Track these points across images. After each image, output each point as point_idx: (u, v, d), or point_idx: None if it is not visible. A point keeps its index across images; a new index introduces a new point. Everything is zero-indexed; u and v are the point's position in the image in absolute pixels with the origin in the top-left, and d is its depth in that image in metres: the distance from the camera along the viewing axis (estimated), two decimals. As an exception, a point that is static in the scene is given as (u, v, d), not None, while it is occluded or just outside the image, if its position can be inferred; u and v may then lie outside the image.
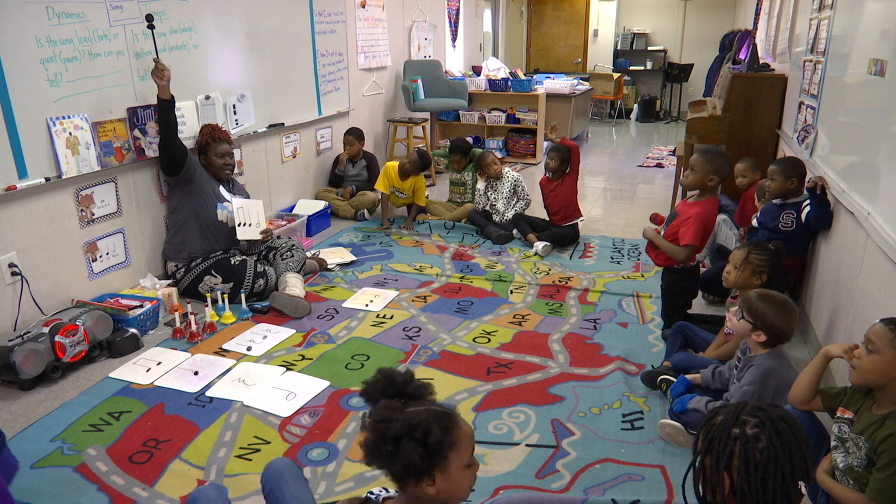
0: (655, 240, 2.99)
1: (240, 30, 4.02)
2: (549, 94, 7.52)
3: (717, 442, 1.20)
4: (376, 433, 1.17)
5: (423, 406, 1.23)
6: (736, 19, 9.71)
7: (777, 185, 3.15)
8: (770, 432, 1.17)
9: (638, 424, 2.37)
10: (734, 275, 2.59)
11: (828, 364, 1.85)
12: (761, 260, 2.55)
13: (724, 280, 2.65)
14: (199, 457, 2.19)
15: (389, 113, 6.45)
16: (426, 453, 1.16)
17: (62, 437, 2.30)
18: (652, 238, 3.00)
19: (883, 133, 2.40)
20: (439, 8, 7.42)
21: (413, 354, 2.90)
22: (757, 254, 2.55)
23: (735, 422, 1.20)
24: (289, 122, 4.64)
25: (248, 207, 3.55)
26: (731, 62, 6.07)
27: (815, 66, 3.58)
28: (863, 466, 1.61)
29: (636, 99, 11.19)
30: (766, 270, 2.55)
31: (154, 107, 3.32)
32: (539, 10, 11.32)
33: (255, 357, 2.87)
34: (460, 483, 1.22)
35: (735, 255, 2.62)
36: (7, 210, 2.76)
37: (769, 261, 2.55)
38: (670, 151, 7.81)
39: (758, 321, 2.10)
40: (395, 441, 1.15)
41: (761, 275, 2.55)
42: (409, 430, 1.15)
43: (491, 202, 4.72)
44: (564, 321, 3.24)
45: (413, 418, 1.17)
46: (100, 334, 2.83)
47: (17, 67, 2.69)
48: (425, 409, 1.21)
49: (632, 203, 5.66)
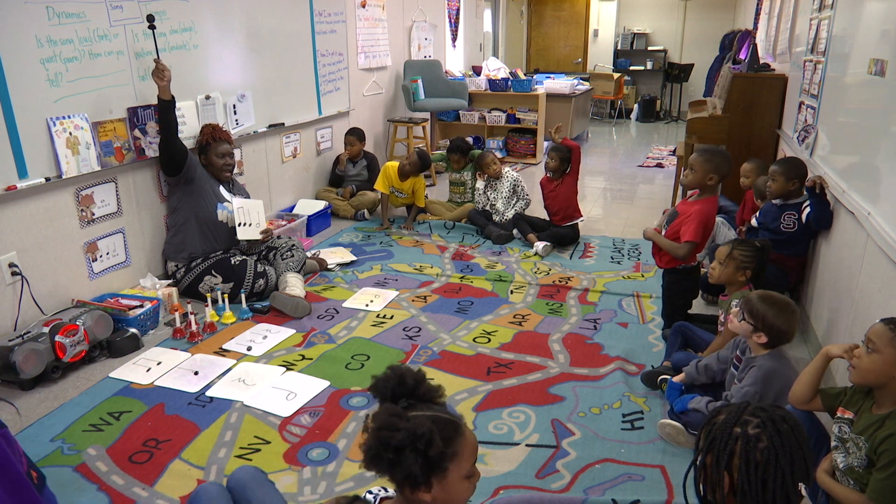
0: (656, 239, 2.99)
1: (240, 30, 4.02)
2: (550, 94, 7.52)
3: (719, 441, 1.20)
4: (379, 440, 1.15)
5: (429, 412, 1.20)
6: (736, 19, 9.71)
7: (778, 186, 3.15)
8: (771, 433, 1.17)
9: (638, 424, 2.37)
10: (718, 270, 2.61)
11: (828, 364, 1.85)
12: (745, 256, 2.56)
13: (709, 276, 2.68)
14: (199, 457, 2.19)
15: (389, 113, 6.45)
16: (426, 464, 1.14)
17: (62, 436, 2.30)
18: (652, 238, 3.01)
19: (883, 133, 2.40)
20: (439, 8, 7.42)
21: (413, 354, 2.90)
22: (741, 250, 2.57)
23: (737, 421, 1.20)
24: (289, 122, 4.64)
25: (249, 207, 3.55)
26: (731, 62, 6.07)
27: (816, 66, 3.58)
28: (863, 467, 1.61)
29: (636, 99, 11.19)
30: (750, 266, 2.57)
31: (154, 107, 3.32)
32: (539, 10, 11.32)
33: (256, 357, 2.87)
34: (458, 493, 1.20)
35: (720, 252, 2.64)
36: (7, 210, 2.76)
37: (754, 257, 2.57)
38: (670, 151, 7.81)
39: (758, 322, 2.09)
40: (398, 451, 1.13)
41: (745, 270, 2.57)
42: (412, 440, 1.13)
43: (490, 202, 4.72)
44: (564, 321, 3.24)
45: (417, 428, 1.13)
46: (100, 334, 2.83)
47: (17, 67, 2.69)
48: (430, 416, 1.18)
49: (632, 203, 5.66)
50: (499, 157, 4.91)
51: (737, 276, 2.58)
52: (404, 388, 1.22)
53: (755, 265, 2.58)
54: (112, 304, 3.07)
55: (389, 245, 4.41)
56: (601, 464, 2.15)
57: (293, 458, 2.18)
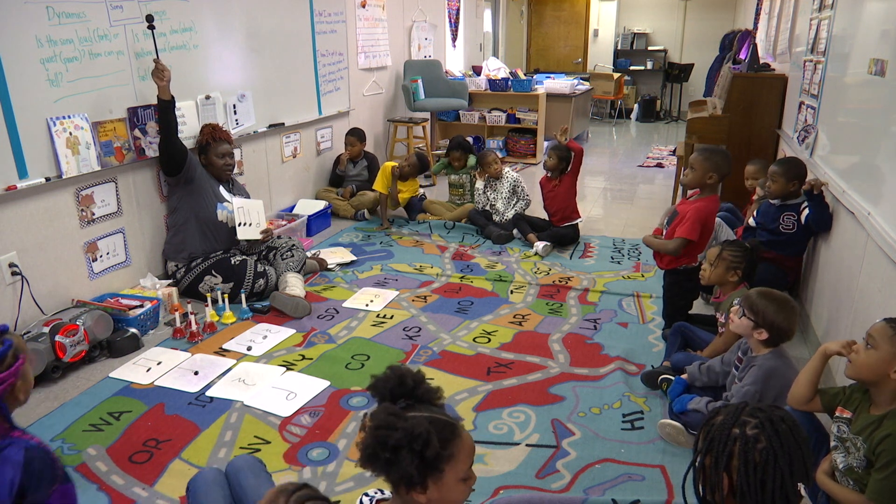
0: (649, 242, 3.03)
1: (240, 30, 4.02)
2: (550, 94, 7.52)
3: (717, 442, 1.20)
4: (376, 439, 1.15)
5: (427, 413, 1.19)
6: (736, 19, 9.71)
7: (779, 187, 3.14)
8: (770, 433, 1.17)
9: (638, 424, 2.37)
10: (709, 272, 2.63)
11: (826, 362, 1.85)
12: (735, 256, 2.58)
13: (700, 277, 2.69)
14: (200, 457, 2.19)
15: (389, 113, 6.45)
16: (422, 465, 1.14)
17: (62, 436, 2.30)
18: (648, 242, 3.05)
19: (883, 133, 2.40)
20: (439, 8, 7.42)
21: (413, 354, 2.90)
22: (730, 250, 2.59)
23: (735, 422, 1.21)
24: (289, 122, 4.64)
25: (248, 207, 3.55)
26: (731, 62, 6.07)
27: (816, 66, 3.58)
28: (862, 467, 1.62)
29: (636, 99, 11.19)
30: (740, 266, 2.58)
31: (154, 107, 3.32)
32: (539, 10, 11.32)
33: (256, 357, 2.87)
34: (453, 496, 1.20)
35: (710, 253, 2.66)
36: (7, 210, 2.76)
37: (743, 257, 2.58)
38: (670, 151, 7.81)
39: (759, 319, 2.10)
40: (394, 450, 1.13)
41: (736, 271, 2.59)
42: (409, 440, 1.13)
43: (490, 202, 4.72)
44: (564, 321, 3.24)
45: (415, 428, 1.13)
46: (100, 334, 2.83)
47: (17, 67, 2.69)
48: (428, 417, 1.18)
49: (632, 203, 5.66)
50: (499, 157, 4.90)
51: (727, 277, 2.60)
52: (404, 388, 1.22)
53: (745, 265, 2.59)
54: (112, 304, 3.07)
55: (389, 245, 4.41)
56: (601, 464, 2.15)
57: (293, 458, 2.18)
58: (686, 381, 2.40)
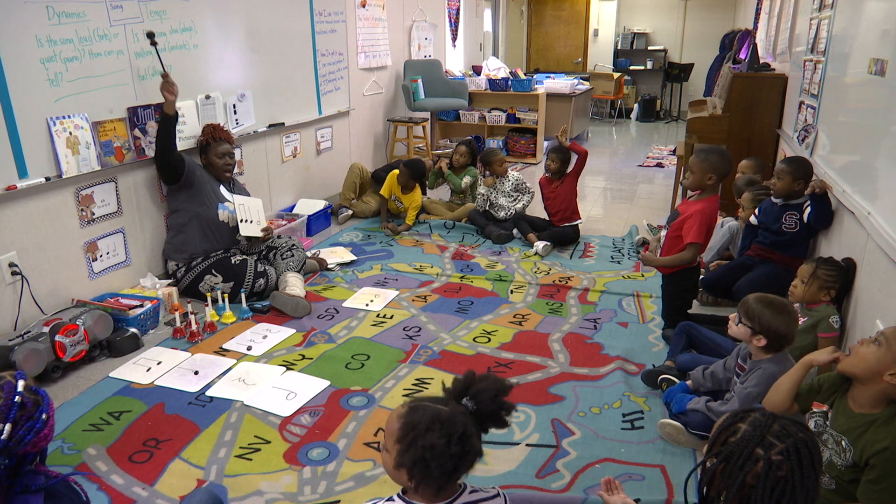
0: (652, 262, 3.03)
1: (240, 30, 4.02)
2: (550, 94, 7.52)
3: (737, 456, 1.17)
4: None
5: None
6: (736, 19, 9.71)
7: (784, 185, 3.12)
8: (794, 465, 1.14)
9: (638, 424, 2.37)
10: (801, 289, 2.49)
11: (808, 372, 1.83)
12: (829, 276, 2.45)
13: (790, 294, 2.55)
14: (200, 456, 2.19)
15: (389, 113, 6.45)
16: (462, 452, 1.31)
17: (62, 436, 2.29)
18: (649, 262, 3.04)
19: (883, 133, 2.40)
20: (439, 7, 7.42)
21: (413, 354, 2.90)
22: (826, 269, 2.45)
23: (761, 442, 1.17)
24: (289, 121, 4.64)
25: (249, 205, 3.56)
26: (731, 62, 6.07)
27: (816, 65, 3.58)
28: (846, 466, 1.61)
29: (636, 99, 11.19)
30: (834, 286, 2.45)
31: (154, 106, 3.32)
32: (539, 10, 11.32)
33: (256, 357, 2.87)
34: None
35: (802, 270, 2.52)
36: (7, 210, 2.76)
37: (838, 277, 2.45)
38: (670, 151, 7.81)
39: (756, 325, 2.07)
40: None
41: (829, 290, 2.45)
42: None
43: (491, 201, 4.71)
44: (565, 321, 3.24)
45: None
46: (100, 334, 2.83)
47: (17, 67, 2.69)
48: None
49: (632, 203, 5.65)
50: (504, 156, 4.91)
51: (820, 296, 2.46)
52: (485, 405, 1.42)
53: (839, 285, 2.45)
54: (112, 304, 3.07)
55: (389, 245, 4.41)
56: (601, 463, 2.15)
57: (293, 458, 2.18)
58: (688, 386, 2.38)
